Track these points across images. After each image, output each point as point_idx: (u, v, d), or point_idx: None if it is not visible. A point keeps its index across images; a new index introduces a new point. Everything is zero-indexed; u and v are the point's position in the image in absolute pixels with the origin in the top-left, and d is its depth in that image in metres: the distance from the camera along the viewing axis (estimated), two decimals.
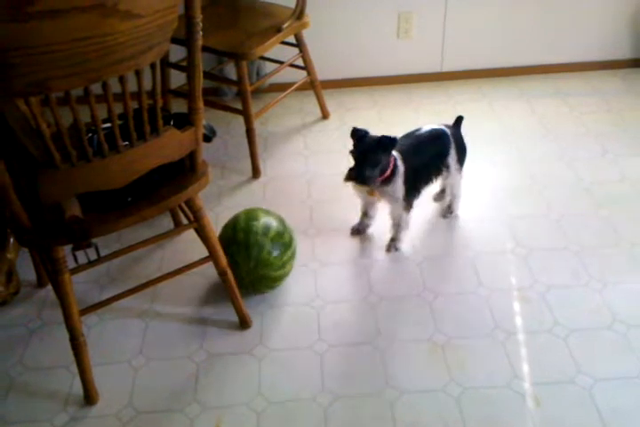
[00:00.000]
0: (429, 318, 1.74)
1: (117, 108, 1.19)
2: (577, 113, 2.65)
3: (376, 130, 2.00)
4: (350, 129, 1.77)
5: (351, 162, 1.75)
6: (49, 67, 1.04)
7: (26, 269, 1.93)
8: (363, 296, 1.83)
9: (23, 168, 1.25)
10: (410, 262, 1.94)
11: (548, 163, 2.36)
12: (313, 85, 2.59)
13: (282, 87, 2.52)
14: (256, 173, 2.37)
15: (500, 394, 1.52)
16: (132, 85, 1.17)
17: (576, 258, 1.92)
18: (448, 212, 2.11)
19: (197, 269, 1.65)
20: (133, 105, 1.21)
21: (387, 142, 1.73)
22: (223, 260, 1.62)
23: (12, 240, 1.90)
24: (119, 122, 1.21)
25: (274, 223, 1.78)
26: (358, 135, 1.75)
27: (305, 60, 2.50)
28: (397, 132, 2.51)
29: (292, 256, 1.81)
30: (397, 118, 2.67)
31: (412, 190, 1.90)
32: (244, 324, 1.74)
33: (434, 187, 2.06)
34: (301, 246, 1.97)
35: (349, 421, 1.49)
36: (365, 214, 2.04)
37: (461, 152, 2.00)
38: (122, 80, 1.16)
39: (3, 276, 1.83)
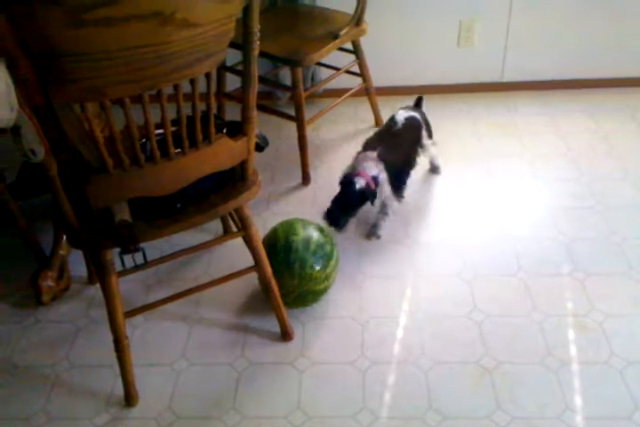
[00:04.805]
0: (478, 340, 1.68)
1: (170, 113, 1.19)
2: None
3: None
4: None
5: None
6: (104, 73, 1.04)
7: (77, 264, 1.96)
8: (409, 312, 1.78)
9: (75, 172, 1.26)
10: (459, 280, 1.88)
11: (612, 182, 2.24)
12: (368, 92, 2.55)
13: (336, 93, 2.49)
14: (306, 180, 2.35)
15: None
16: (186, 87, 1.16)
17: (638, 285, 1.81)
18: (435, 171, 2.33)
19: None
20: (187, 108, 1.20)
21: (368, 196, 1.89)
22: (268, 270, 1.60)
23: (64, 237, 1.93)
24: (172, 128, 1.20)
25: (314, 235, 1.74)
26: (345, 183, 1.91)
27: (361, 67, 2.46)
28: (453, 143, 2.48)
29: (336, 265, 1.77)
30: (453, 129, 2.60)
31: (401, 184, 2.06)
32: (285, 336, 1.72)
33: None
34: (346, 257, 1.94)
35: None
36: None
37: (429, 128, 2.20)
38: (177, 89, 1.15)
39: (55, 271, 1.87)
